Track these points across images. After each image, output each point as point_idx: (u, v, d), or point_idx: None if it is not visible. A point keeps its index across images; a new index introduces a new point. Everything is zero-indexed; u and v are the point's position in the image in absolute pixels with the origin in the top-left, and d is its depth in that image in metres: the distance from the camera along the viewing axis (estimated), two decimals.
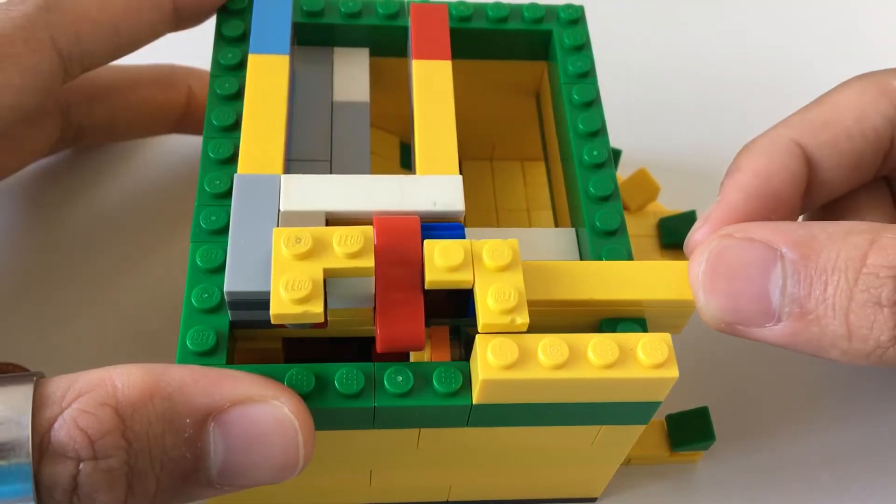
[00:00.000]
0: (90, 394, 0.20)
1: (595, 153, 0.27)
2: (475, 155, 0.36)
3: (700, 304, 0.23)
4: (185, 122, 0.36)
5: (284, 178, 0.25)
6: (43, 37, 0.27)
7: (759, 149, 0.27)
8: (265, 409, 0.21)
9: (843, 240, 0.22)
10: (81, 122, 0.34)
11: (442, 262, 0.22)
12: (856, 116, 0.27)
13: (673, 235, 0.34)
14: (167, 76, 0.35)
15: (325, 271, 0.22)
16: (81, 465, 0.20)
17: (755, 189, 0.26)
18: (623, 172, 0.36)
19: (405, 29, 0.30)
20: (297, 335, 0.25)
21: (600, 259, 0.25)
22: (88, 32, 0.28)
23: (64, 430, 0.20)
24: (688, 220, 0.34)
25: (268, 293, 0.22)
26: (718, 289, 0.23)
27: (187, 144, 0.38)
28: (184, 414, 0.21)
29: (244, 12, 0.29)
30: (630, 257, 0.25)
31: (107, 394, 0.20)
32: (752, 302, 0.23)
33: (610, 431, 0.25)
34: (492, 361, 0.21)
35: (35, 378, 0.21)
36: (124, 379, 0.21)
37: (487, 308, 0.22)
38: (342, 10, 0.30)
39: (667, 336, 0.22)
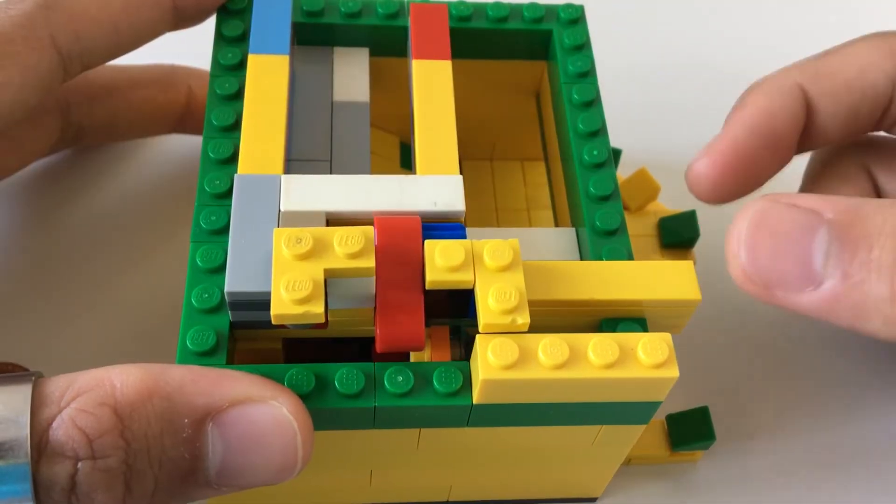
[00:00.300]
0: (89, 393, 0.20)
1: (595, 153, 0.27)
2: (475, 155, 0.36)
3: (740, 261, 0.23)
4: (185, 122, 0.36)
5: (285, 178, 0.25)
6: (42, 35, 0.27)
7: (764, 88, 0.28)
8: (264, 409, 0.21)
9: (889, 208, 0.22)
10: (82, 121, 0.34)
11: (443, 262, 0.22)
12: (859, 71, 0.28)
13: (673, 235, 0.34)
14: (167, 76, 0.35)
15: (326, 271, 0.22)
16: (80, 465, 0.20)
17: (757, 126, 0.27)
18: (623, 172, 0.36)
19: (405, 29, 0.30)
20: (297, 335, 0.25)
21: (600, 259, 0.25)
22: (88, 31, 0.28)
23: (62, 430, 0.20)
24: (688, 219, 0.34)
25: (268, 293, 0.22)
26: (761, 247, 0.23)
27: (187, 144, 0.38)
28: (182, 414, 0.21)
29: (244, 12, 0.29)
30: (630, 257, 0.25)
31: (105, 393, 0.20)
32: (794, 263, 0.22)
33: (610, 431, 0.25)
34: (492, 361, 0.21)
35: (33, 378, 0.21)
36: (123, 378, 0.21)
37: (488, 308, 0.22)
38: (342, 9, 0.30)
39: (667, 336, 0.22)
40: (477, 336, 0.22)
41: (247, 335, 0.24)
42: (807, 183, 0.32)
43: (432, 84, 0.28)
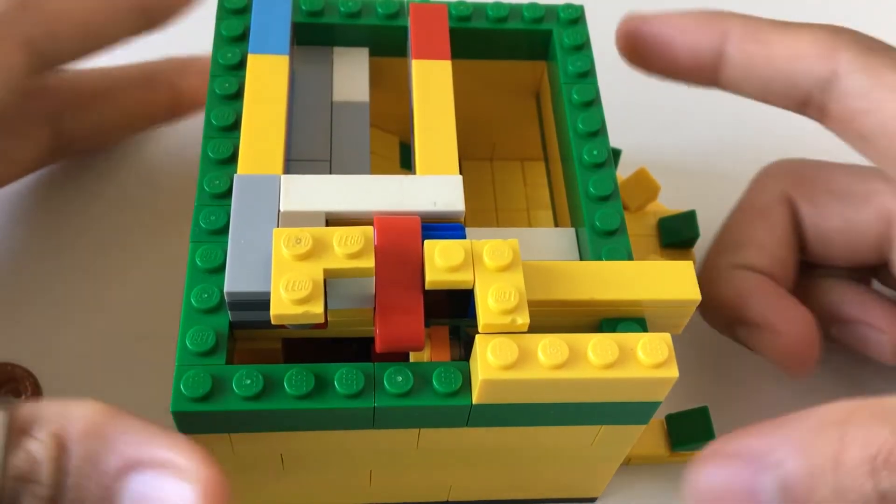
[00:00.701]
0: (49, 422, 0.20)
1: (595, 153, 0.27)
2: (475, 155, 0.36)
3: None
4: (174, 114, 0.36)
5: (284, 178, 0.25)
6: (14, 33, 0.27)
7: (697, 16, 0.31)
8: (176, 483, 0.20)
9: (816, 440, 0.22)
10: (73, 130, 0.34)
11: (442, 262, 0.22)
12: (788, 57, 0.30)
13: (673, 235, 0.34)
14: (149, 74, 0.35)
15: (326, 272, 0.22)
16: (20, 488, 0.20)
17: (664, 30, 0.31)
18: (623, 172, 0.36)
19: (405, 29, 0.30)
20: (296, 335, 0.25)
21: (600, 259, 0.25)
22: (61, 30, 0.28)
23: (16, 454, 0.20)
24: (688, 219, 0.34)
25: (268, 294, 0.22)
26: None
27: (187, 144, 0.38)
28: (107, 463, 0.20)
29: (244, 12, 0.29)
30: (630, 257, 0.25)
31: (61, 424, 0.20)
32: None
33: (610, 431, 0.25)
34: (492, 361, 0.21)
35: (9, 405, 0.21)
36: (80, 412, 0.21)
37: (488, 308, 0.22)
38: (342, 9, 0.30)
39: (667, 336, 0.22)
40: (476, 336, 0.22)
41: (246, 335, 0.24)
42: (734, 212, 0.33)
43: (432, 84, 0.28)
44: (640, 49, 0.31)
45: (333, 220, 0.24)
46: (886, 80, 0.28)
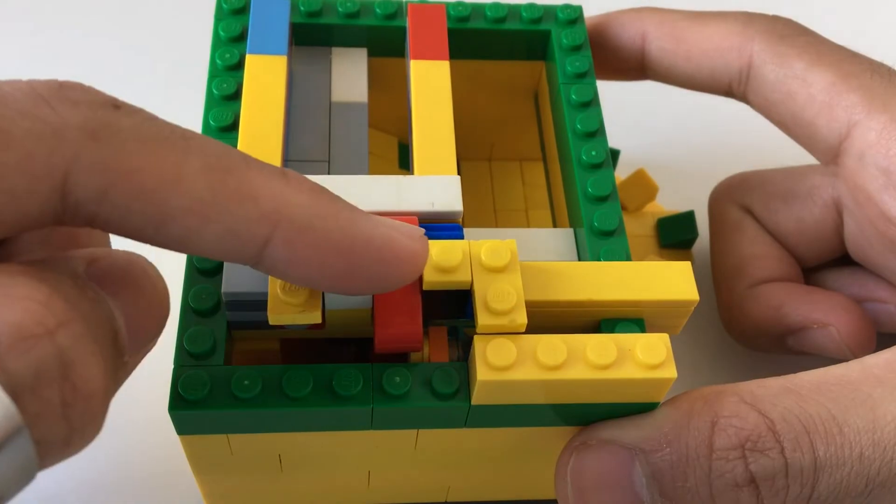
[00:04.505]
0: None
1: (593, 153, 0.27)
2: (473, 155, 0.36)
3: None
4: None
5: None
6: None
7: (622, 14, 0.32)
8: None
9: (686, 427, 0.22)
10: None
11: (440, 262, 0.22)
12: (705, 50, 0.30)
13: (671, 236, 0.34)
14: None
15: None
16: None
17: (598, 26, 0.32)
18: (621, 172, 0.36)
19: (403, 29, 0.30)
20: (295, 336, 0.25)
21: (598, 259, 0.25)
22: None
23: None
24: (686, 220, 0.34)
25: (266, 294, 0.22)
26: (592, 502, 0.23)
27: None
28: None
29: (242, 12, 0.29)
30: (628, 258, 0.25)
31: None
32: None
33: None
34: (490, 362, 0.21)
35: None
36: None
37: (486, 309, 0.22)
38: (340, 10, 0.30)
39: (665, 336, 0.22)
40: (474, 337, 0.22)
41: (244, 336, 0.24)
42: (713, 243, 0.33)
43: (430, 84, 0.28)
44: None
45: None
46: (796, 69, 0.28)
